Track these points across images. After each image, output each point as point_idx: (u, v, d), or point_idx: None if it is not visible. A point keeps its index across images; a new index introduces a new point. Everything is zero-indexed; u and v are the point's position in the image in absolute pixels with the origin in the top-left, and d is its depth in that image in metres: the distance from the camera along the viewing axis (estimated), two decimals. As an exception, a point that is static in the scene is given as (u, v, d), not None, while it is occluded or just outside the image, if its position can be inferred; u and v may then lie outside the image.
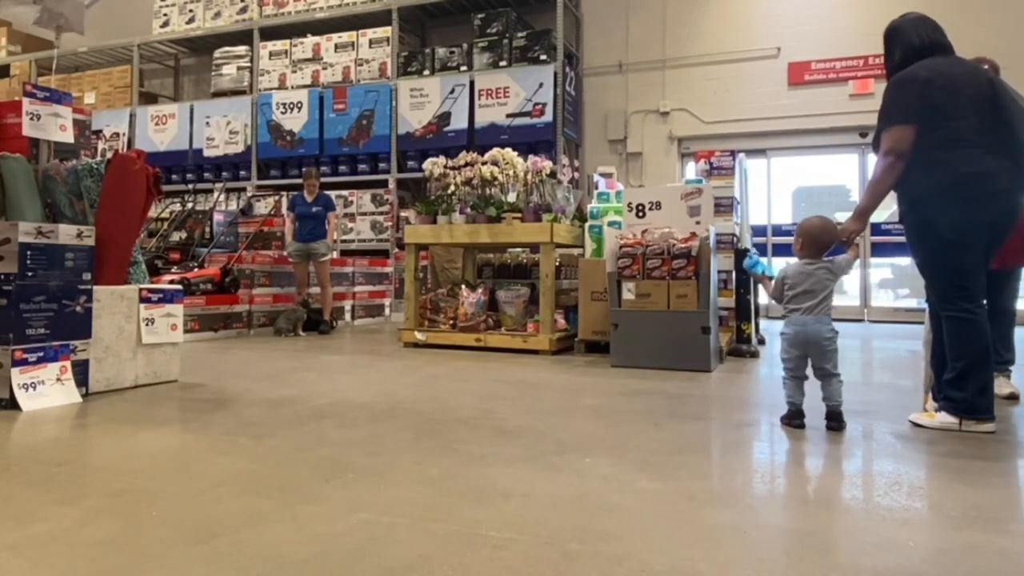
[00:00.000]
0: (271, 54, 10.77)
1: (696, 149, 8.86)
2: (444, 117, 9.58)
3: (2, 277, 3.13)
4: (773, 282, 3.02)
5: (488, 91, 9.34)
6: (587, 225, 5.68)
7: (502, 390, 3.69)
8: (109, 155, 4.35)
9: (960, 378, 2.74)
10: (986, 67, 3.56)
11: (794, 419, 2.85)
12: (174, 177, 11.12)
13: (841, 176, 9.57)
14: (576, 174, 9.49)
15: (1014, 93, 2.88)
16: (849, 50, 8.98)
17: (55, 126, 3.83)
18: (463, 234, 5.61)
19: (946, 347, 2.82)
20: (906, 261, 9.18)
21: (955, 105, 2.74)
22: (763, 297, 8.91)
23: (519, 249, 7.05)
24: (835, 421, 2.80)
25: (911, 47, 2.92)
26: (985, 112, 2.74)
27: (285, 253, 7.25)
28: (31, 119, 3.71)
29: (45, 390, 3.21)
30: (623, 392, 3.63)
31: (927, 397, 3.08)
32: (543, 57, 9.18)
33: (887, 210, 9.39)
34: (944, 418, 2.78)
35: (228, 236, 8.07)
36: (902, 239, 3.08)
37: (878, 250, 9.08)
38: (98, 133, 11.39)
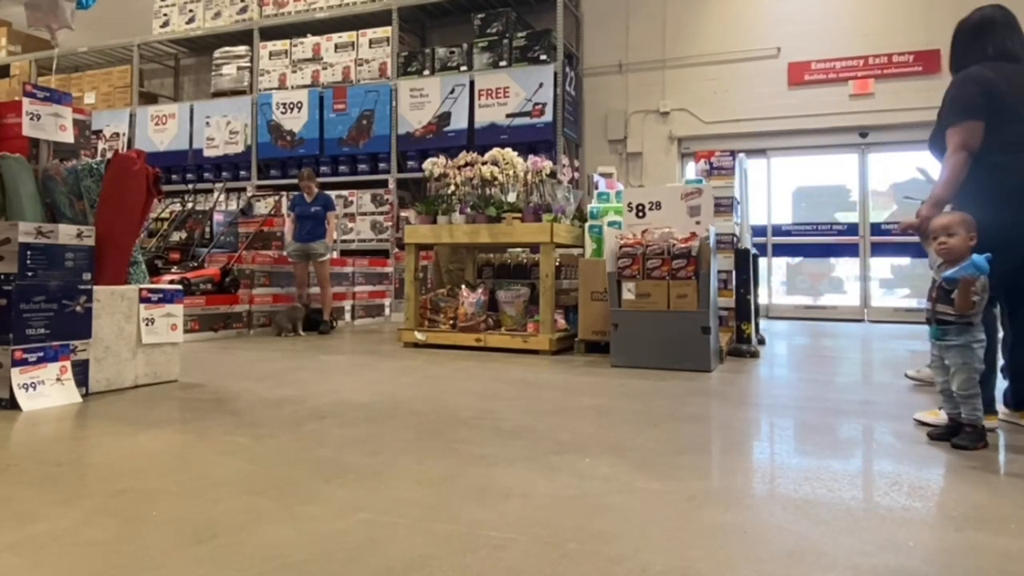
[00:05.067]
0: (271, 54, 10.76)
1: (696, 149, 8.86)
2: (444, 117, 9.58)
3: (2, 277, 3.13)
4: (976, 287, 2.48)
5: (488, 91, 9.33)
6: (587, 225, 5.68)
7: (502, 390, 3.69)
8: (109, 155, 4.34)
9: None
10: None
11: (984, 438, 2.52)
12: (174, 177, 11.11)
13: (841, 176, 9.57)
14: (576, 174, 9.49)
15: None
16: (849, 50, 8.98)
17: (55, 126, 3.83)
18: (463, 234, 5.61)
19: None
20: (905, 261, 9.19)
21: (1015, 110, 2.75)
22: (763, 297, 8.92)
23: (519, 249, 7.05)
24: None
25: (989, 52, 2.87)
26: None
27: (285, 253, 7.26)
28: (31, 119, 3.71)
29: (45, 390, 3.21)
30: (623, 392, 3.63)
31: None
32: (543, 57, 9.18)
33: (887, 210, 9.39)
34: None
35: (228, 236, 8.07)
36: (900, 239, 3.03)
37: (877, 250, 9.09)
38: (98, 133, 11.39)
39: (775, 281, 9.80)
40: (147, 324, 3.81)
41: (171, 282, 5.70)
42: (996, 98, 2.75)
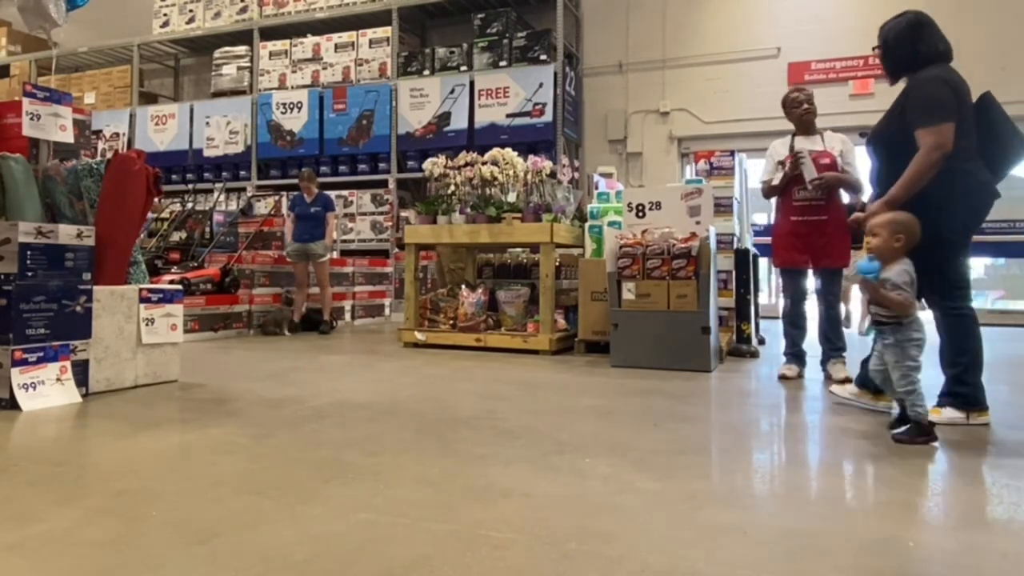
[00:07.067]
0: (271, 54, 10.76)
1: (696, 149, 8.85)
2: (444, 117, 9.58)
3: (2, 277, 3.13)
4: (894, 288, 2.64)
5: (488, 91, 9.33)
6: (587, 225, 5.68)
7: (502, 390, 3.69)
8: (109, 155, 4.32)
9: (967, 372, 2.82)
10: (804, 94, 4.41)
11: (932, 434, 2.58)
12: (174, 177, 11.11)
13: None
14: (576, 174, 9.47)
15: (1001, 110, 2.94)
16: (849, 50, 8.97)
17: (55, 126, 3.83)
18: (463, 234, 5.61)
19: (947, 344, 2.86)
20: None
21: (967, 116, 2.83)
22: (763, 297, 8.92)
23: (519, 249, 7.05)
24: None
25: (936, 51, 2.93)
26: (976, 125, 2.85)
27: (284, 253, 7.26)
28: (31, 119, 3.71)
29: (45, 390, 3.21)
30: (623, 392, 3.63)
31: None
32: (543, 57, 9.18)
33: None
34: (951, 413, 2.83)
35: (228, 236, 8.07)
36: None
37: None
38: (98, 133, 11.38)
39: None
40: (147, 324, 3.81)
41: (171, 282, 5.70)
42: (962, 103, 2.81)
